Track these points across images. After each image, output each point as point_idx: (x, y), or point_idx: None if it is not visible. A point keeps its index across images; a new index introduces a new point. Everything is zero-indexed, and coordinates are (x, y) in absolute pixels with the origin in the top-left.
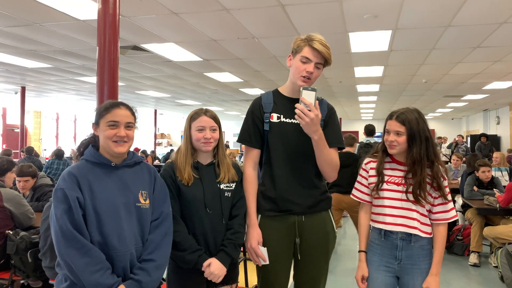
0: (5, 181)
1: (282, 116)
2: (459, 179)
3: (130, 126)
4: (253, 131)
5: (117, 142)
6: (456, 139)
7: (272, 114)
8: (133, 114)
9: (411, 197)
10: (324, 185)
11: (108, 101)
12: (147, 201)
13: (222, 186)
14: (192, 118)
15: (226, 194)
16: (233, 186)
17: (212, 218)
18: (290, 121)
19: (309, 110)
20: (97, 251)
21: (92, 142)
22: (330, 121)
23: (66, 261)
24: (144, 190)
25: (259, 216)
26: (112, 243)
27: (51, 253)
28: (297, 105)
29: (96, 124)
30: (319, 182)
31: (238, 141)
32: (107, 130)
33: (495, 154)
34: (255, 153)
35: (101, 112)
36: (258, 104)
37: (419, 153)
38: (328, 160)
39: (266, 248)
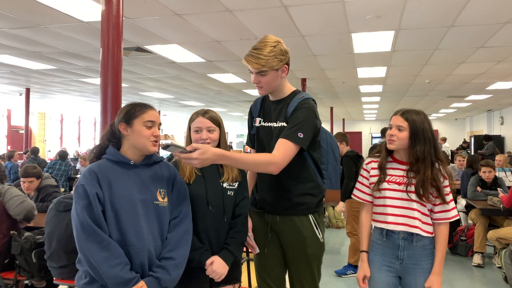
0: None
1: (262, 120)
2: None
3: (159, 128)
4: (249, 134)
5: (153, 141)
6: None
7: (257, 119)
8: None
9: (412, 196)
10: (305, 188)
11: (136, 102)
12: (166, 199)
13: (225, 184)
14: (191, 119)
15: (228, 193)
16: (236, 186)
17: (215, 216)
18: (266, 124)
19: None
20: (116, 245)
21: (111, 143)
22: (291, 117)
23: (86, 256)
24: (163, 188)
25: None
26: (130, 239)
27: (57, 255)
28: (182, 157)
29: (127, 123)
30: (294, 186)
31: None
32: (144, 130)
33: (498, 157)
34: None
35: (136, 113)
36: (250, 109)
37: (422, 151)
38: (252, 167)
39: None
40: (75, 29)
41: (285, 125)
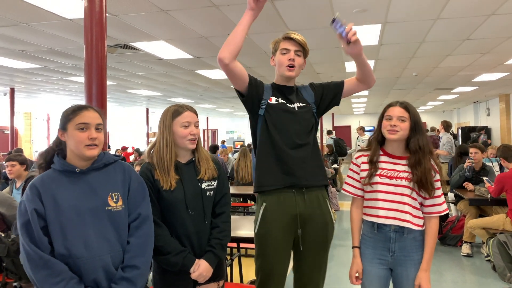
0: None
1: (280, 99)
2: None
3: (100, 128)
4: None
5: (89, 146)
6: None
7: (271, 97)
8: (101, 116)
9: (405, 190)
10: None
11: (75, 105)
12: (120, 203)
13: (203, 185)
14: (176, 113)
15: (208, 194)
16: (215, 184)
17: (195, 218)
18: (285, 102)
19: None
20: (57, 262)
21: (56, 150)
22: (319, 86)
23: (29, 275)
24: (115, 192)
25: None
26: (77, 251)
27: None
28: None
29: (62, 129)
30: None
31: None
32: (77, 134)
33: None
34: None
35: (68, 115)
36: (262, 84)
37: (422, 141)
38: (369, 68)
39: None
40: (59, 26)
41: (306, 105)
